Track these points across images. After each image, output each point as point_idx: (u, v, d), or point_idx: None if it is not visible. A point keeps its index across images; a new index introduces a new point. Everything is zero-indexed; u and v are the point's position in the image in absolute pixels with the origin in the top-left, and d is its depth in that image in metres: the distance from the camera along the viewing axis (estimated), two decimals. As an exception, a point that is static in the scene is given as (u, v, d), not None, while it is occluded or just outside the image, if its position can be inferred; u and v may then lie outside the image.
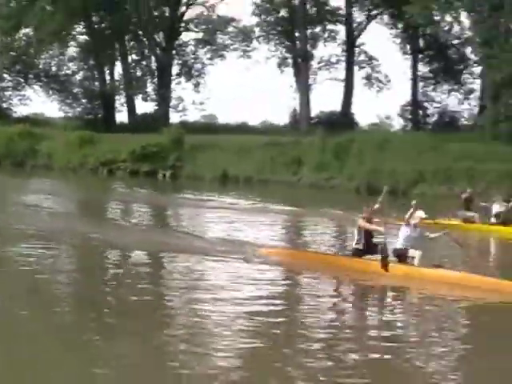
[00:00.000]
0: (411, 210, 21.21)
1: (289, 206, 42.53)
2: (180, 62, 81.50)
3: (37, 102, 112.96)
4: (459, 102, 75.26)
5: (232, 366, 12.29)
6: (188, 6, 79.17)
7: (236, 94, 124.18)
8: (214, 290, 18.73)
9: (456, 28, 70.49)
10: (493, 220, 34.63)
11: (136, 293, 18.15)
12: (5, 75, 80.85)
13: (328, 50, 77.06)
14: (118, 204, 45.61)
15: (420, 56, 75.54)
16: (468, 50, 73.13)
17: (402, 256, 20.72)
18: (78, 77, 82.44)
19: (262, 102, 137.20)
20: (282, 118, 78.18)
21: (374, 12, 75.89)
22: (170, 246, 25.36)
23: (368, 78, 77.60)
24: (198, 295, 17.94)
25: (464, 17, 65.83)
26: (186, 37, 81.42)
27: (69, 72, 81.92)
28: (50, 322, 15.24)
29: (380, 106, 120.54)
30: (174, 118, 77.79)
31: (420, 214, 21.17)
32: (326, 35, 76.65)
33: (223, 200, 45.07)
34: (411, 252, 20.46)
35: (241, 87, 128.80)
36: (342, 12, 75.96)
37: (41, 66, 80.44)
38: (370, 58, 77.64)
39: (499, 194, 36.38)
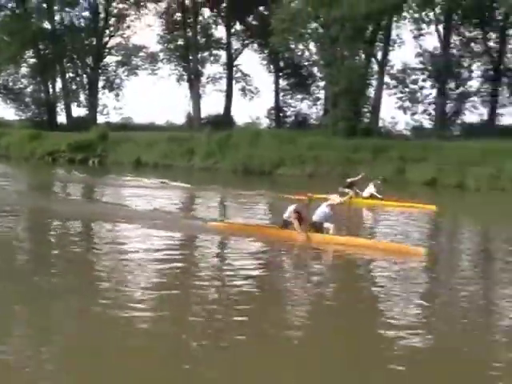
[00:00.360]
0: (329, 194, 21.97)
1: (185, 183, 42.42)
2: (104, 78, 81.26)
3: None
4: (309, 106, 76.43)
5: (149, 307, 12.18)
6: (110, 37, 79.49)
7: (146, 101, 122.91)
8: (130, 244, 19.02)
9: (306, 53, 72.17)
10: (364, 195, 34.68)
11: (70, 251, 18.04)
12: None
13: (213, 69, 78.07)
14: (60, 183, 45.70)
15: (280, 73, 75.97)
16: (315, 69, 74.20)
17: (318, 227, 20.68)
18: (29, 89, 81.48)
19: (166, 106, 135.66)
20: (180, 119, 78.51)
21: (247, 41, 76.95)
22: (99, 215, 25.30)
23: (243, 89, 78.47)
24: (121, 254, 17.53)
25: (312, 45, 67.49)
26: (109, 59, 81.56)
27: (22, 86, 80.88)
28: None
29: (252, 109, 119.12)
30: (101, 119, 77.51)
31: (335, 197, 21.58)
32: (212, 58, 77.68)
33: (138, 179, 44.56)
34: (326, 225, 20.60)
35: (150, 96, 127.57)
36: (224, 41, 76.59)
37: (0, 82, 79.99)
38: (245, 75, 78.53)
39: (376, 179, 35.91)
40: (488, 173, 44.76)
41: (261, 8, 74.31)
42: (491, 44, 68.38)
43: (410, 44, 77.89)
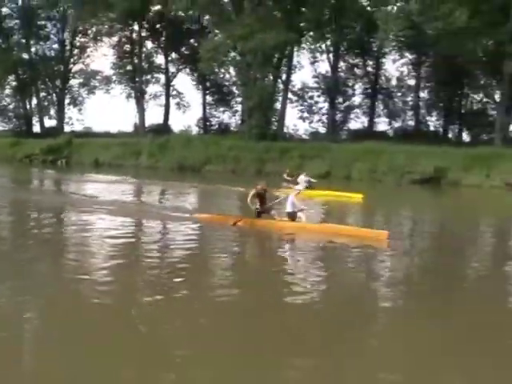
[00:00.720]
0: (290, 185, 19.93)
1: (134, 178, 42.60)
2: (70, 96, 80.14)
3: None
4: (229, 117, 76.20)
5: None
6: (74, 64, 78.72)
7: (102, 114, 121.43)
8: (93, 225, 18.48)
9: (227, 75, 72.46)
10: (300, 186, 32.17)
11: (45, 232, 17.73)
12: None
13: (155, 88, 76.99)
14: (36, 179, 45.48)
15: (207, 91, 75.35)
16: (234, 88, 73.98)
17: (293, 217, 18.94)
18: (11, 106, 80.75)
19: (118, 118, 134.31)
20: (129, 128, 77.46)
21: (181, 66, 76.12)
22: (67, 204, 24.91)
23: (178, 104, 77.36)
24: (85, 232, 17.06)
25: (231, 70, 67.73)
26: (73, 82, 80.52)
27: (5, 103, 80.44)
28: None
29: (185, 120, 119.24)
30: (67, 129, 76.39)
31: (299, 187, 19.54)
32: (154, 80, 76.63)
33: (96, 176, 44.07)
34: (299, 214, 18.99)
35: (105, 110, 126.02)
36: (163, 66, 75.68)
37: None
38: (179, 93, 77.53)
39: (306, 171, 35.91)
40: (368, 167, 45.78)
41: (191, 40, 73.95)
42: (369, 69, 70.12)
43: (308, 68, 78.56)
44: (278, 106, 62.95)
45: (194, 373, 7.26)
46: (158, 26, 73.96)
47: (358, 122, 71.60)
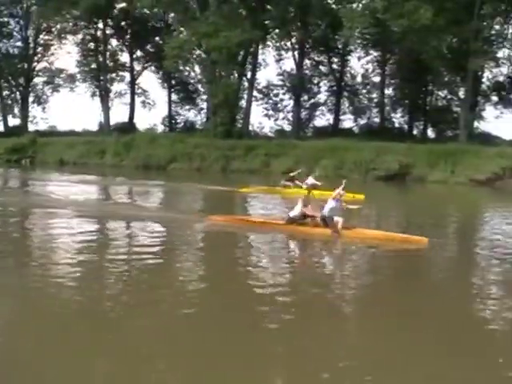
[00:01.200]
0: (339, 189, 17.58)
1: (99, 176, 42.68)
2: (34, 94, 78.41)
3: None
4: (195, 115, 75.46)
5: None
6: (38, 62, 77.00)
7: (67, 112, 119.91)
8: (55, 223, 17.97)
9: (192, 73, 72.25)
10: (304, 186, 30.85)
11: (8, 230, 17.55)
12: None
13: (120, 86, 75.91)
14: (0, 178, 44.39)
15: (172, 89, 74.50)
16: (199, 86, 73.70)
17: (327, 222, 17.15)
18: None
19: (83, 116, 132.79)
20: (94, 126, 76.35)
21: (146, 64, 75.12)
22: (32, 202, 24.66)
23: (143, 102, 76.28)
24: (46, 234, 16.46)
25: (197, 67, 67.84)
26: (37, 80, 78.51)
27: None
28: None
29: (150, 118, 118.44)
30: (31, 127, 74.72)
31: (340, 191, 17.29)
32: (118, 78, 75.43)
33: (61, 175, 43.85)
34: (336, 219, 17.04)
35: (70, 108, 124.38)
36: (128, 64, 74.67)
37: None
38: (144, 91, 76.44)
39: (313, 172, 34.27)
40: (333, 164, 45.52)
41: (157, 38, 72.94)
42: (334, 66, 69.57)
43: (273, 66, 78.64)
44: (244, 103, 62.62)
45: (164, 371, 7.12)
46: (122, 23, 73.03)
47: (323, 119, 71.62)
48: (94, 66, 74.70)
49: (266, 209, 24.78)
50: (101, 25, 72.61)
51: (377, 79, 69.01)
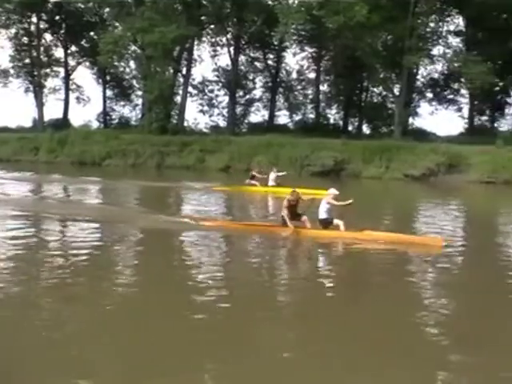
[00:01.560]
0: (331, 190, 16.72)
1: (33, 173, 41.16)
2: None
3: None
4: (130, 111, 74.73)
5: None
6: (-32, 55, 75.03)
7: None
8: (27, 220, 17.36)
9: (127, 69, 71.27)
10: (270, 183, 31.58)
11: None
12: None
13: (54, 82, 73.95)
14: None
15: (107, 85, 73.44)
16: (134, 82, 72.86)
17: (328, 224, 16.32)
18: None
19: (17, 112, 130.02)
20: (27, 123, 74.64)
21: (81, 60, 73.53)
22: None
23: (78, 98, 74.42)
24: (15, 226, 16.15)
25: (132, 63, 67.77)
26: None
27: None
28: None
29: (85, 114, 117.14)
30: None
31: (333, 191, 16.51)
32: (53, 73, 72.90)
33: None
34: (335, 221, 16.21)
35: (2, 104, 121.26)
36: (62, 60, 72.69)
37: None
38: (79, 86, 74.39)
39: (274, 167, 34.37)
40: (268, 160, 44.82)
41: (92, 33, 71.24)
42: (270, 62, 69.37)
43: (208, 61, 78.17)
44: (179, 99, 62.14)
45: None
46: (57, 17, 71.32)
47: (258, 115, 71.53)
48: (27, 60, 72.40)
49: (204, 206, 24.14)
50: (34, 19, 70.60)
51: (312, 75, 69.32)
